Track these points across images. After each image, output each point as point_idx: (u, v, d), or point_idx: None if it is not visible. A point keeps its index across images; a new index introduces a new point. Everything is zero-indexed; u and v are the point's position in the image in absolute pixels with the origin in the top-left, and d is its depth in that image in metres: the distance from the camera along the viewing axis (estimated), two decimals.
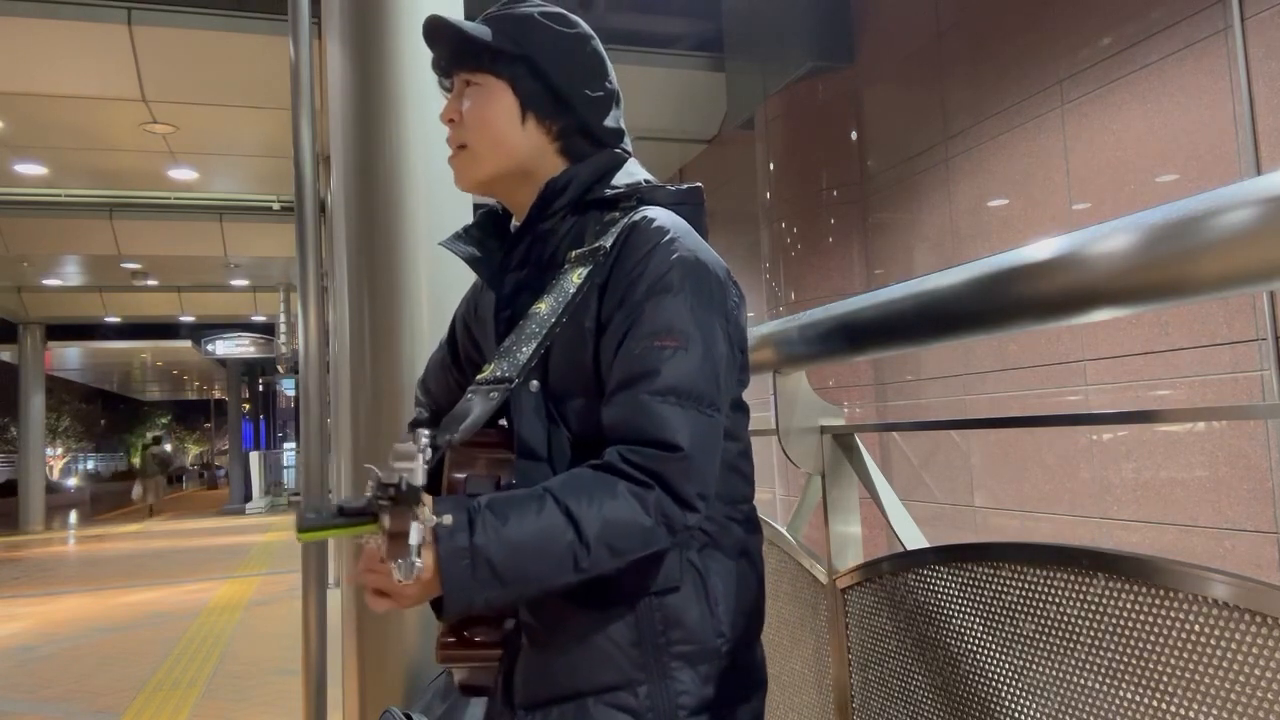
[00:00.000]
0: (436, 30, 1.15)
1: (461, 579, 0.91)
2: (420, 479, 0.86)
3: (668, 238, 1.05)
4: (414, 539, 0.85)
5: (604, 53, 1.19)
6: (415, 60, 2.04)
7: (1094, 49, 4.48)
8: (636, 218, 1.09)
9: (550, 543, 0.93)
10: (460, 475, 1.07)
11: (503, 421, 1.13)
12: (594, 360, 1.06)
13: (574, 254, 1.09)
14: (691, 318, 1.02)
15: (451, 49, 1.17)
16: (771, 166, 6.76)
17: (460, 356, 1.33)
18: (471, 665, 1.15)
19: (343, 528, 0.90)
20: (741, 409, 1.16)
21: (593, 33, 1.19)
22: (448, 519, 0.90)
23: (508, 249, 1.17)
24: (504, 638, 1.13)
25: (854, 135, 6.41)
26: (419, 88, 2.03)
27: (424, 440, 0.89)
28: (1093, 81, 4.50)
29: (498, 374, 1.07)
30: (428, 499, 0.89)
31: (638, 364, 1.00)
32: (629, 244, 1.06)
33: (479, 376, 1.11)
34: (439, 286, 2.00)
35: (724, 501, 1.10)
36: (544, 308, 1.07)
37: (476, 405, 1.06)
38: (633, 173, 1.16)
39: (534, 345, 1.06)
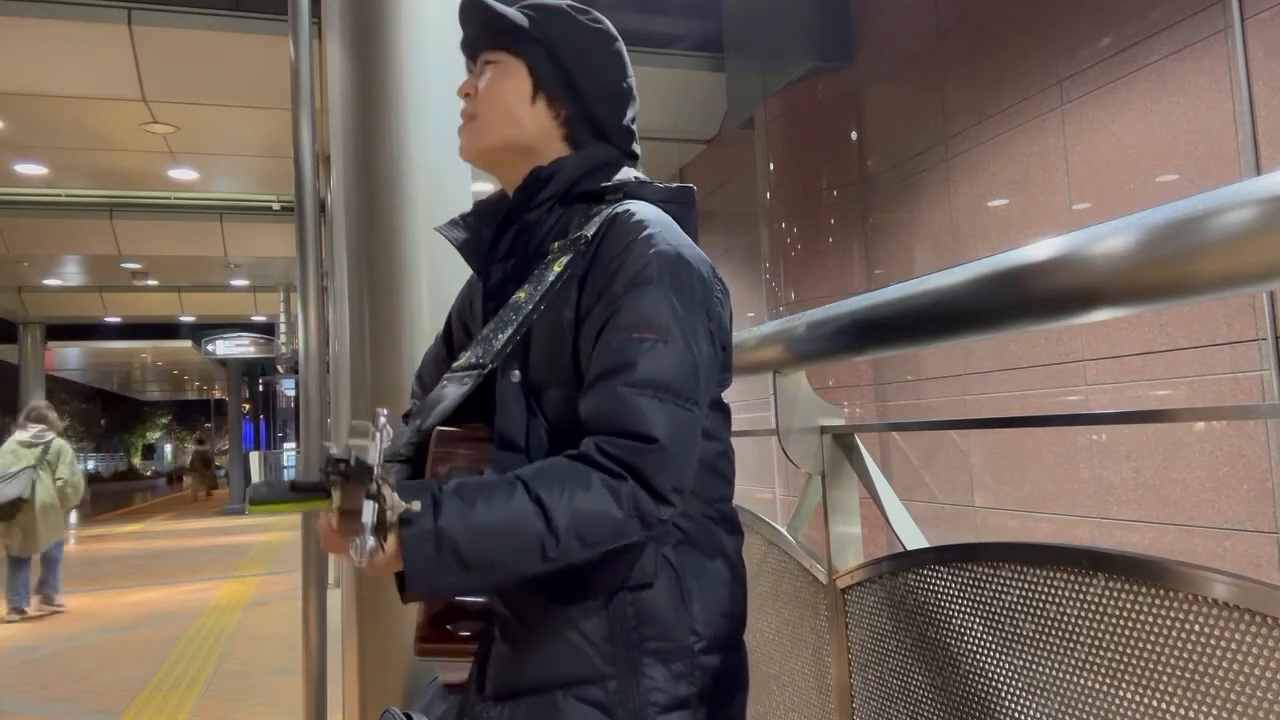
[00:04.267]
0: (471, 8, 1.18)
1: (425, 561, 0.90)
2: (373, 457, 0.85)
3: (647, 232, 1.05)
4: (366, 517, 0.84)
5: (625, 56, 1.21)
6: (415, 60, 2.04)
7: (1094, 49, 4.48)
8: (619, 210, 1.09)
9: (518, 530, 0.93)
10: (443, 468, 1.07)
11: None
12: (573, 352, 1.06)
13: (556, 244, 1.10)
14: (671, 312, 1.01)
15: (480, 27, 1.20)
16: (771, 166, 6.76)
17: (455, 350, 1.33)
18: (450, 659, 1.15)
19: (294, 502, 0.89)
20: (721, 409, 1.16)
21: (618, 35, 1.21)
22: (416, 505, 0.89)
23: (494, 239, 1.18)
24: (480, 632, 1.12)
25: (854, 135, 6.41)
26: (419, 88, 2.03)
27: (381, 419, 0.89)
28: (1093, 81, 4.50)
29: (472, 360, 1.09)
30: (391, 483, 0.88)
31: (615, 356, 1.00)
32: (609, 236, 1.06)
33: (455, 364, 1.12)
34: (439, 286, 2.00)
35: (700, 500, 1.09)
36: (522, 296, 1.08)
37: (449, 391, 1.07)
38: (624, 170, 1.17)
39: (509, 332, 1.07)
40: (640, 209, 1.09)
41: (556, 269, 1.07)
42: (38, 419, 6.99)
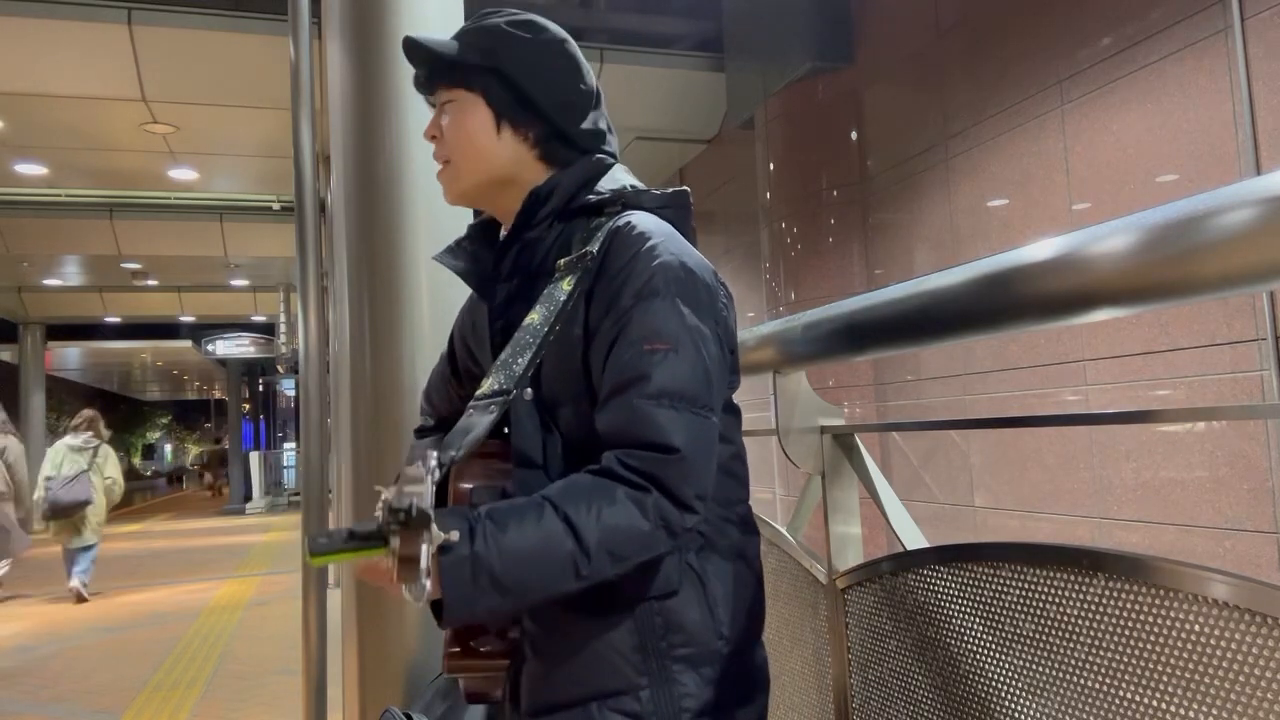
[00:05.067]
0: (411, 50, 1.18)
1: (462, 587, 0.91)
2: (429, 502, 0.87)
3: (649, 243, 1.06)
4: (424, 563, 0.85)
5: (578, 55, 1.19)
6: None
7: (1094, 49, 4.49)
8: (620, 223, 1.09)
9: (550, 551, 0.94)
10: (466, 486, 1.08)
11: (506, 430, 1.13)
12: (584, 367, 1.06)
13: (562, 262, 1.10)
14: (680, 321, 1.02)
15: (427, 67, 1.19)
16: (771, 166, 6.76)
17: (460, 369, 1.34)
18: (478, 675, 1.15)
19: (354, 551, 0.90)
20: (733, 411, 1.16)
21: (565, 35, 1.19)
22: (454, 535, 0.90)
23: (497, 259, 1.18)
24: (510, 647, 1.13)
25: (854, 135, 6.41)
26: None
27: (432, 463, 0.90)
28: (1093, 81, 4.50)
29: (495, 387, 1.09)
30: (431, 515, 0.89)
31: (629, 369, 1.01)
32: (612, 250, 1.07)
33: (478, 392, 1.11)
34: (439, 286, 2.00)
35: (718, 504, 1.10)
36: (536, 318, 1.09)
37: (478, 420, 1.07)
38: (618, 178, 1.17)
39: (529, 356, 1.07)
40: (641, 220, 1.09)
41: (566, 288, 1.08)
42: (87, 427, 7.86)
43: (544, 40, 1.16)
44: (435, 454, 0.96)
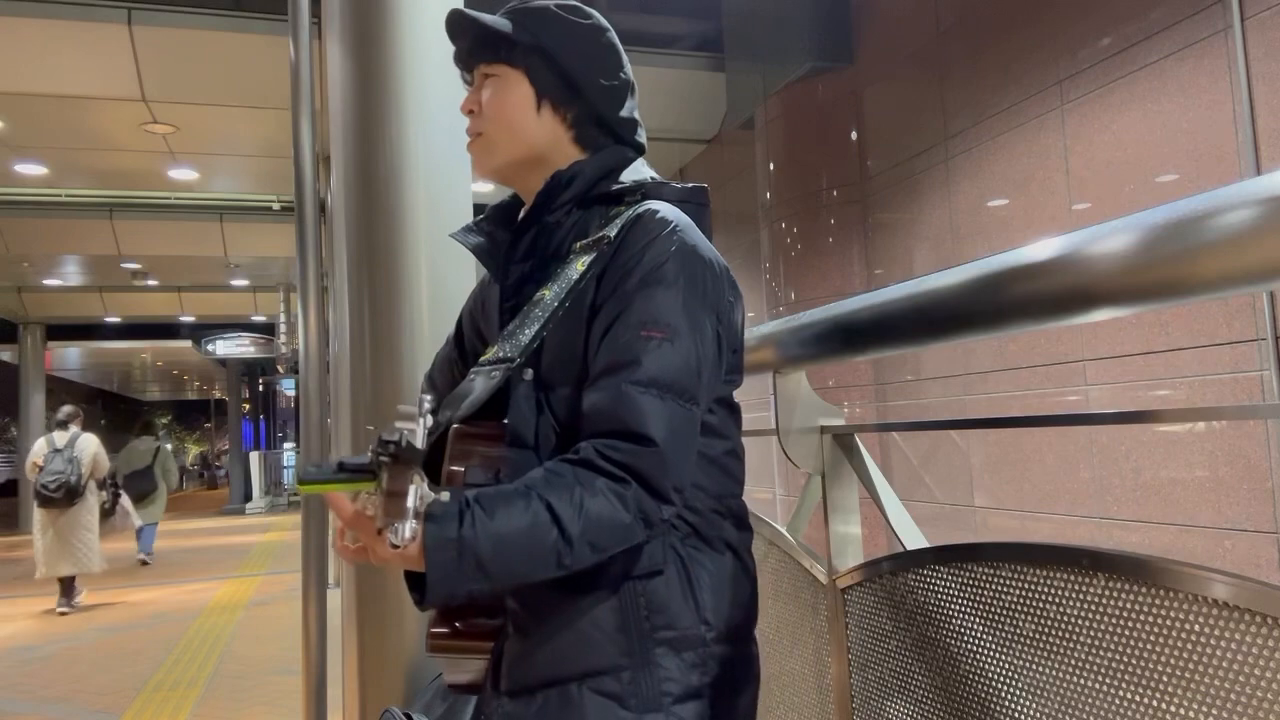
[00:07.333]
0: (458, 24, 1.18)
1: (447, 569, 0.92)
2: (421, 440, 0.86)
3: (669, 228, 1.07)
4: (411, 500, 0.85)
5: (619, 45, 1.21)
6: (415, 60, 2.04)
7: (1094, 49, 4.49)
8: (641, 210, 1.10)
9: (535, 540, 0.94)
10: (459, 468, 1.07)
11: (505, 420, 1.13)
12: (585, 347, 1.07)
13: (579, 244, 1.11)
14: (682, 311, 1.03)
15: (471, 41, 1.20)
16: (771, 166, 6.76)
17: (466, 351, 1.35)
18: (461, 657, 1.15)
19: (342, 483, 0.90)
20: (731, 408, 1.17)
21: (608, 25, 1.21)
22: (445, 495, 0.91)
23: (513, 240, 1.19)
24: (497, 629, 1.13)
25: (854, 135, 6.41)
26: (419, 88, 2.03)
27: (426, 404, 0.90)
28: (1093, 81, 4.50)
29: (500, 355, 1.10)
30: (422, 474, 0.89)
31: (623, 351, 1.01)
32: (632, 234, 1.07)
33: (481, 358, 1.13)
34: (439, 286, 2.00)
35: (709, 495, 1.11)
36: (548, 294, 1.10)
37: (478, 384, 1.09)
38: (639, 170, 1.18)
39: (536, 328, 1.08)
40: (663, 208, 1.10)
41: (580, 267, 1.08)
42: (144, 431, 10.85)
43: (590, 25, 1.18)
44: (430, 396, 0.96)
